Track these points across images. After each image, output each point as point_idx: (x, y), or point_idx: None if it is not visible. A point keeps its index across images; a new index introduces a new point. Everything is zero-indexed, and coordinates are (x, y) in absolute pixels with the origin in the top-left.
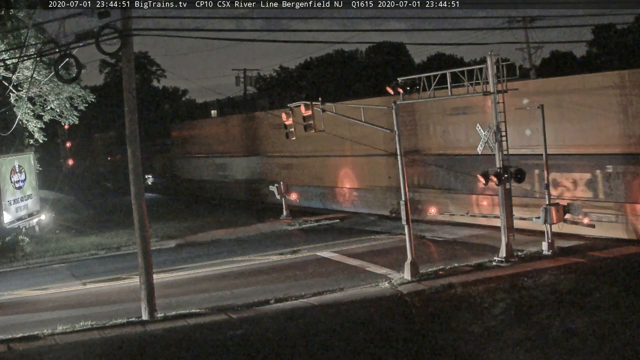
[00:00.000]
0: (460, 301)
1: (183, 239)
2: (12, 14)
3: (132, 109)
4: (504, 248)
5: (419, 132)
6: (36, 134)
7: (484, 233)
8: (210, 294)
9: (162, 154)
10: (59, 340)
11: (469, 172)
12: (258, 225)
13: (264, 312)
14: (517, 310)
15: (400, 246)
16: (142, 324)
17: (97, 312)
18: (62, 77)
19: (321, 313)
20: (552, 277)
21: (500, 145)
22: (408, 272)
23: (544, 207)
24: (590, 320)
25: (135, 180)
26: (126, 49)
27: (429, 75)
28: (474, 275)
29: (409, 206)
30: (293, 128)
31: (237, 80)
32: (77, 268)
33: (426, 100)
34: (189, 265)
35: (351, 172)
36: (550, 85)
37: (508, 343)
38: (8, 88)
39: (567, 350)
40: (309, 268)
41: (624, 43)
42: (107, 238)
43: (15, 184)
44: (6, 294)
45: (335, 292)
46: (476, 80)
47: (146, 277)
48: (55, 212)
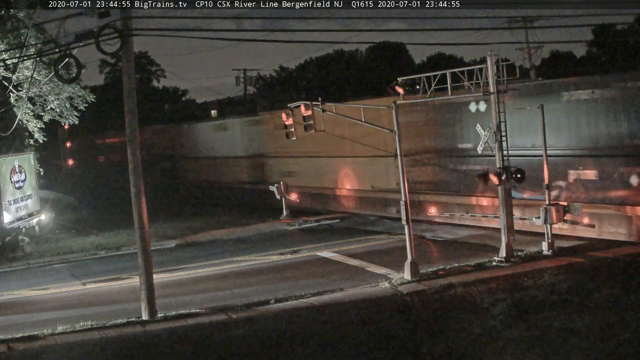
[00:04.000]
0: (461, 301)
1: (183, 239)
2: (12, 14)
3: (132, 109)
4: (504, 248)
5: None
6: (36, 134)
7: (484, 233)
8: (210, 294)
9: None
10: (59, 340)
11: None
12: (258, 225)
13: (264, 312)
14: (517, 310)
15: (400, 246)
16: (142, 324)
17: (97, 312)
18: (62, 77)
19: (321, 313)
20: (552, 277)
21: (500, 145)
22: (408, 272)
23: (543, 207)
24: (590, 320)
25: (135, 180)
26: (126, 49)
27: (428, 75)
28: (474, 275)
29: (409, 206)
30: (293, 128)
31: (237, 80)
32: (77, 268)
33: (426, 100)
34: (189, 265)
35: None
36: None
37: (508, 343)
38: (8, 88)
39: (567, 350)
40: (309, 268)
41: (624, 43)
42: (107, 238)
43: (15, 184)
44: (6, 294)
45: (335, 292)
46: (476, 80)
47: (146, 277)
48: (55, 212)
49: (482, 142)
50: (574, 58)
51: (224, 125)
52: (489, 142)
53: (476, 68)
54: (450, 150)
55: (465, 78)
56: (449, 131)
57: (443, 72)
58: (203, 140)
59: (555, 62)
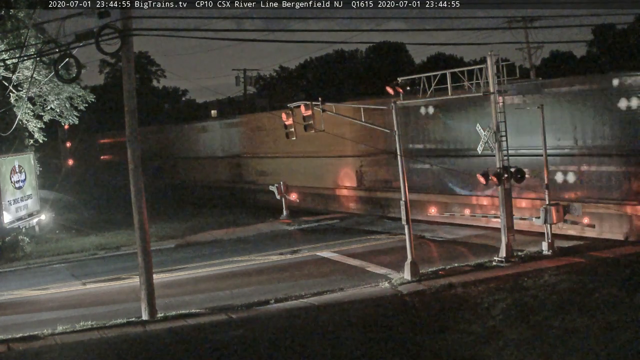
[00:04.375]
0: (461, 301)
1: (183, 239)
2: (12, 14)
3: (132, 109)
4: (504, 248)
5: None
6: (36, 134)
7: (484, 233)
8: (210, 294)
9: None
10: (59, 340)
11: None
12: (258, 225)
13: (264, 312)
14: (517, 310)
15: (400, 246)
16: (142, 324)
17: (97, 312)
18: (62, 77)
19: (321, 313)
20: (552, 277)
21: (500, 145)
22: (408, 272)
23: (544, 207)
24: (590, 320)
25: (135, 180)
26: (126, 49)
27: (428, 75)
28: (474, 275)
29: (409, 206)
30: (293, 128)
31: (237, 80)
32: (77, 268)
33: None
34: (189, 265)
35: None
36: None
37: (508, 343)
38: (8, 88)
39: (567, 350)
40: (309, 268)
41: (624, 43)
42: (107, 238)
43: (15, 184)
44: (6, 294)
45: (335, 292)
46: (476, 80)
47: (146, 277)
48: (55, 212)
49: (482, 142)
50: (574, 58)
51: (206, 127)
52: (489, 142)
53: (476, 68)
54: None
55: (465, 78)
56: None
57: (443, 72)
58: (188, 141)
59: (556, 62)
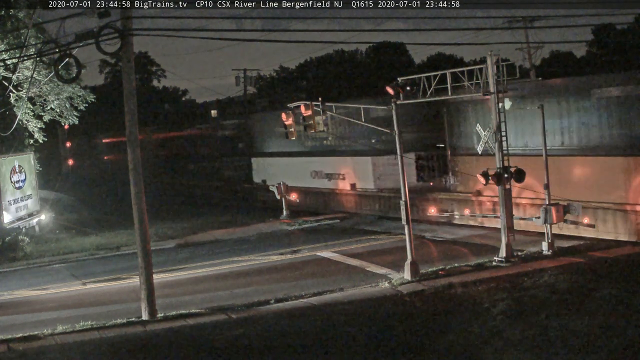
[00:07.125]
0: (461, 301)
1: (183, 239)
2: (12, 14)
3: (132, 109)
4: (504, 248)
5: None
6: (36, 134)
7: (484, 233)
8: (210, 294)
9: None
10: (59, 340)
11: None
12: (258, 225)
13: (264, 312)
14: (517, 310)
15: (400, 246)
16: (142, 323)
17: (97, 312)
18: (62, 77)
19: (321, 313)
20: (552, 277)
21: (500, 145)
22: (408, 272)
23: (544, 207)
24: (590, 320)
25: (135, 180)
26: (126, 49)
27: (428, 75)
28: (474, 275)
29: (409, 206)
30: (293, 128)
31: (237, 80)
32: (77, 268)
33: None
34: (189, 265)
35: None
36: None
37: (508, 343)
38: (8, 88)
39: (567, 350)
40: (309, 268)
41: (624, 43)
42: (107, 238)
43: (15, 184)
44: (6, 294)
45: (335, 292)
46: (476, 80)
47: (146, 277)
48: (55, 212)
49: (482, 141)
50: (574, 58)
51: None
52: (489, 142)
53: (476, 68)
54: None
55: (465, 78)
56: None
57: (443, 72)
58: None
59: (555, 62)
